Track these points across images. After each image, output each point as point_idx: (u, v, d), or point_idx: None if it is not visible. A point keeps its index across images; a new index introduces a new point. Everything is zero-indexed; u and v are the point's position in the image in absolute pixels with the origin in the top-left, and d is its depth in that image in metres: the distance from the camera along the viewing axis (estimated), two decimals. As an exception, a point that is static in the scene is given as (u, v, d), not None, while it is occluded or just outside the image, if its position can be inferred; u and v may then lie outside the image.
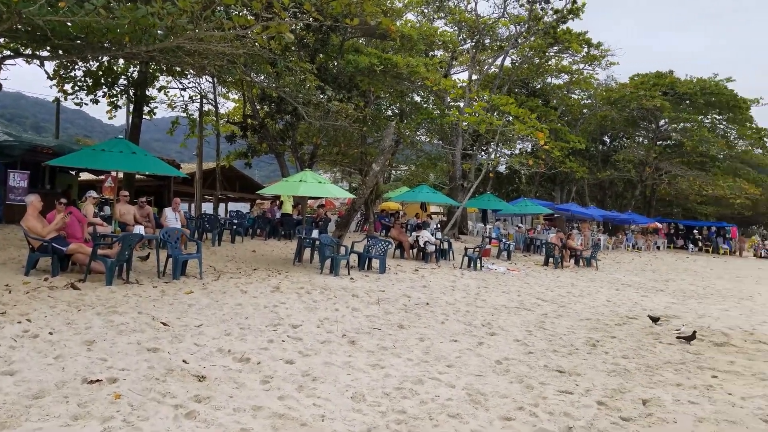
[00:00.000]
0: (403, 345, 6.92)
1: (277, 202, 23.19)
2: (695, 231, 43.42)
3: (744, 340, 8.90)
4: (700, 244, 41.32)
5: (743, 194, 40.14)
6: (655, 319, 9.94)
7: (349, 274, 12.48)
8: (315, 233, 14.42)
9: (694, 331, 8.79)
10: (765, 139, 43.07)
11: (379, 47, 24.54)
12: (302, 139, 25.50)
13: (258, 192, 20.95)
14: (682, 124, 41.25)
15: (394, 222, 21.31)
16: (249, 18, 9.88)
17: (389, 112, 31.74)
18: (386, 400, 4.96)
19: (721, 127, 42.97)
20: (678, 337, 8.64)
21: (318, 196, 19.89)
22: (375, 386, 5.28)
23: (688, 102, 39.98)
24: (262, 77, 19.76)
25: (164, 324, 6.77)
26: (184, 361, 5.49)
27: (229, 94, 28.04)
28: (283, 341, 6.58)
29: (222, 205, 30.69)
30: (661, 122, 42.44)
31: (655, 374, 6.52)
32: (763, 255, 40.26)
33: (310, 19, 12.62)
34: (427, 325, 8.14)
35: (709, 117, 42.15)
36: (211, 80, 23.20)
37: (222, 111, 27.30)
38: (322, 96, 18.61)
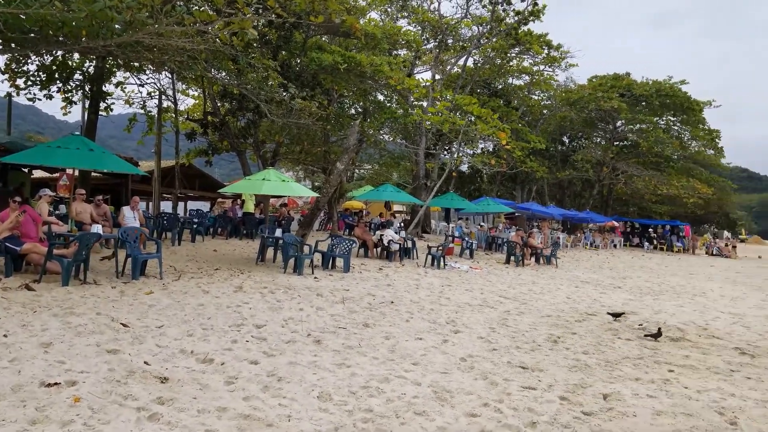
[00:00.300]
0: (368, 344, 6.92)
1: (239, 201, 22.92)
2: (650, 229, 44.55)
3: (698, 335, 9.18)
4: (655, 242, 42.40)
5: (696, 194, 41.41)
6: (616, 315, 10.16)
7: (313, 273, 12.42)
8: (278, 232, 14.30)
9: (659, 329, 9.05)
10: (717, 140, 44.63)
11: (342, 45, 24.49)
12: (264, 137, 25.24)
13: (219, 191, 20.67)
14: (638, 126, 42.38)
15: (358, 221, 21.29)
16: (211, 13, 9.71)
17: (353, 111, 31.73)
18: (353, 399, 4.96)
19: (676, 128, 44.30)
20: (645, 335, 8.85)
21: (281, 194, 19.74)
22: (341, 385, 5.27)
23: (644, 104, 41.13)
24: (224, 74, 19.49)
25: (124, 325, 6.62)
26: (145, 362, 5.38)
27: (189, 90, 27.55)
28: (247, 341, 6.51)
29: (181, 204, 30.17)
30: (618, 123, 43.50)
31: (614, 369, 6.67)
32: (714, 253, 41.60)
33: (273, 15, 12.48)
34: (392, 324, 8.16)
35: (664, 118, 43.42)
36: (170, 76, 22.76)
37: (181, 108, 26.87)
38: (284, 93, 18.45)
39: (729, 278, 21.82)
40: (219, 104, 23.12)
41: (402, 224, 26.51)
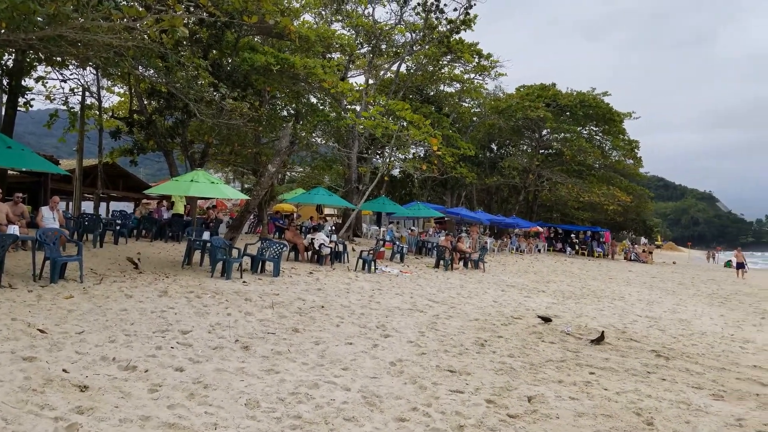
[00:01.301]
0: (298, 349, 6.87)
1: (165, 202, 22.22)
2: (573, 235, 46.32)
3: (617, 338, 9.62)
4: (576, 247, 44.13)
5: (616, 201, 43.33)
6: (546, 320, 10.47)
7: (241, 277, 12.21)
8: (206, 235, 13.98)
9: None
10: (636, 150, 46.90)
11: (275, 46, 24.21)
12: (193, 137, 24.55)
13: (145, 191, 19.99)
14: (562, 135, 43.96)
15: (289, 224, 21.10)
16: (140, 9, 9.40)
17: (285, 113, 31.38)
18: (281, 405, 4.91)
19: (598, 138, 46.24)
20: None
21: (210, 196, 19.29)
22: (269, 392, 5.21)
23: (568, 114, 42.76)
24: (152, 71, 18.85)
25: (41, 331, 6.31)
26: (64, 370, 5.15)
27: (115, 87, 26.51)
28: (172, 348, 6.33)
29: (104, 205, 28.95)
30: (544, 132, 45.00)
31: (538, 372, 6.89)
32: (632, 258, 43.70)
33: (205, 14, 12.21)
34: (322, 329, 8.14)
35: (586, 128, 45.25)
36: (95, 72, 21.82)
37: (106, 105, 25.74)
38: (215, 93, 18.06)
39: (646, 283, 22.98)
40: (146, 102, 22.34)
41: (333, 228, 26.45)
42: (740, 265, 30.89)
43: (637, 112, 45.05)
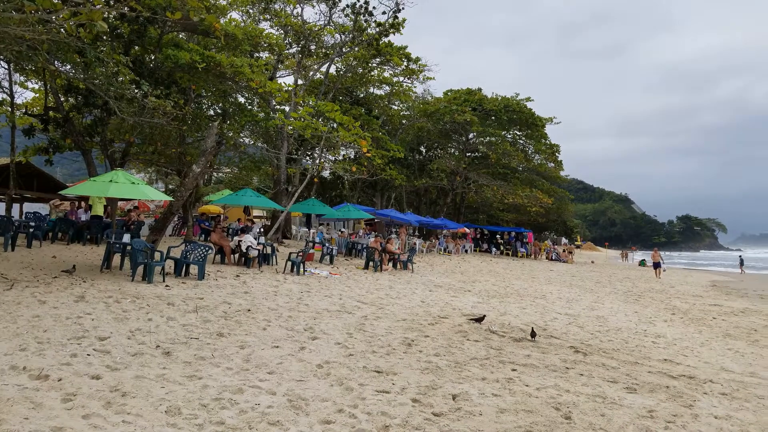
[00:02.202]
0: (222, 354, 6.73)
1: (83, 203, 21.24)
2: (498, 236, 47.56)
3: (539, 335, 9.96)
4: (501, 248, 45.34)
5: (538, 203, 44.85)
6: (479, 319, 10.67)
7: (164, 281, 11.82)
8: (126, 238, 13.46)
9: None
10: (557, 154, 48.78)
11: (201, 44, 23.62)
12: (113, 136, 23.60)
13: (61, 192, 19.03)
14: (488, 138, 45.13)
15: (215, 226, 20.59)
16: (55, 1, 8.94)
17: (211, 112, 30.62)
18: (203, 412, 4.80)
19: (521, 142, 47.80)
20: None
21: (130, 197, 18.57)
22: (192, 398, 5.08)
23: (493, 118, 43.97)
24: (69, 67, 18.00)
25: (-60, 342, 5.90)
26: (-34, 383, 4.83)
27: (28, 83, 25.09)
28: (88, 355, 6.07)
29: (16, 206, 27.33)
30: (470, 135, 46.04)
31: (463, 370, 7.05)
32: (553, 258, 45.34)
33: (126, 8, 11.75)
34: (248, 332, 8.00)
35: (511, 133, 46.70)
36: (6, 66, 20.59)
37: (19, 101, 24.34)
38: (137, 91, 17.44)
39: (566, 282, 23.91)
40: (62, 99, 21.27)
41: (262, 230, 26.06)
42: (657, 265, 32.13)
43: (557, 117, 46.86)
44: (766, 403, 6.71)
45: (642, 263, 51.05)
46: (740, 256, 54.42)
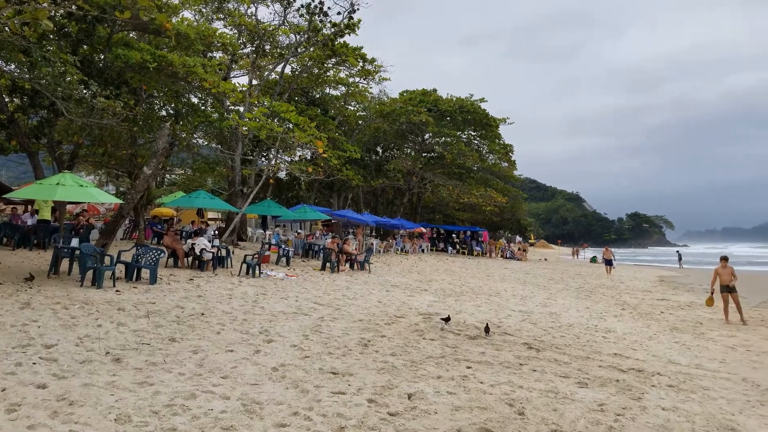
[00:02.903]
0: (174, 359, 6.61)
1: (29, 207, 20.51)
2: (454, 235, 48.04)
3: (493, 332, 10.11)
4: (457, 246, 45.82)
5: (493, 202, 45.48)
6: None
7: (114, 286, 11.54)
8: (74, 242, 13.08)
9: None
10: (510, 154, 49.57)
11: (152, 43, 23.11)
12: (61, 138, 22.87)
13: (5, 195, 18.34)
14: (443, 138, 45.56)
15: (168, 229, 20.18)
16: (-4, -1, 8.61)
17: (164, 113, 30.01)
18: (154, 419, 4.71)
19: (476, 142, 48.41)
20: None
21: (78, 200, 18.04)
22: (142, 405, 4.98)
23: (448, 119, 44.40)
24: (13, 66, 17.36)
25: None
26: None
27: (-31, 82, 24.09)
28: (34, 364, 5.88)
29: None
30: (426, 136, 46.40)
31: (419, 369, 7.10)
32: (508, 256, 46.08)
33: (74, 6, 11.41)
34: (201, 337, 7.88)
35: (465, 133, 47.22)
36: (-57, 65, 19.73)
37: (-41, 101, 23.33)
38: (85, 91, 16.95)
39: (520, 279, 24.32)
40: (7, 100, 20.48)
41: (216, 232, 25.68)
42: (608, 262, 32.67)
43: (511, 118, 47.62)
44: (711, 394, 6.96)
45: (593, 260, 52.34)
46: (678, 252, 56.56)
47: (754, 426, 5.80)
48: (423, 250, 40.81)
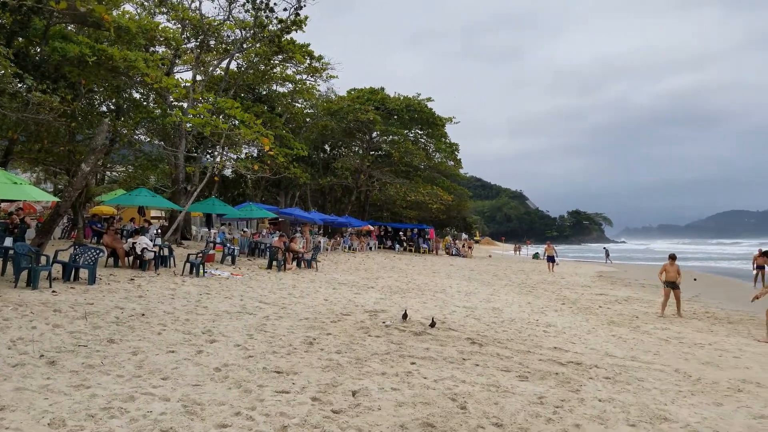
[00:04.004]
0: (113, 361, 6.46)
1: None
2: (401, 233, 48.36)
3: (438, 328, 10.26)
4: (405, 244, 46.15)
5: (439, 200, 46.01)
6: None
7: (50, 286, 11.15)
8: (8, 241, 12.58)
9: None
10: (456, 152, 50.25)
11: (92, 37, 22.36)
12: (-6, 133, 21.91)
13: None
14: (391, 137, 45.80)
15: (108, 228, 19.60)
16: None
17: (104, 108, 29.11)
18: (90, 422, 4.61)
19: (423, 140, 48.88)
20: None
21: (12, 198, 17.31)
22: (78, 409, 4.86)
23: (396, 117, 44.66)
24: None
25: None
26: None
27: None
28: (-39, 369, 5.65)
29: None
30: (374, 134, 46.55)
31: (364, 366, 7.15)
32: (453, 253, 46.72)
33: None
34: (141, 338, 7.72)
35: (413, 132, 47.60)
36: None
37: None
38: (20, 85, 16.30)
39: (465, 276, 24.72)
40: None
41: (159, 231, 25.10)
42: (550, 258, 32.73)
43: (456, 117, 48.30)
44: (645, 385, 7.25)
45: (535, 256, 53.61)
46: (605, 248, 58.90)
47: (684, 415, 6.07)
48: (371, 248, 40.92)
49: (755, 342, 11.34)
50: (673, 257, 15.46)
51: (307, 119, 44.35)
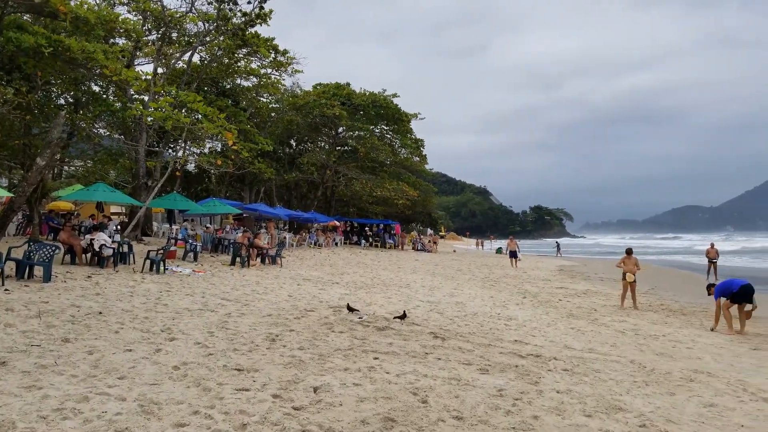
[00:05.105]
0: (67, 360, 6.30)
1: None
2: (367, 228, 48.42)
3: (402, 323, 10.29)
4: (370, 239, 46.22)
5: (404, 196, 46.22)
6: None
7: (3, 284, 10.82)
8: (-42, 238, 12.15)
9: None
10: (422, 148, 50.52)
11: (49, 27, 21.75)
12: (-57, 126, 21.18)
13: None
14: (357, 132, 45.81)
15: (65, 224, 19.12)
16: None
17: (62, 101, 28.38)
18: (42, 424, 4.48)
19: (388, 136, 48.99)
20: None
21: (-37, 193, 16.79)
22: (29, 410, 4.72)
23: (362, 113, 44.60)
24: None
25: None
26: None
27: None
28: None
29: None
30: (340, 129, 46.44)
31: (326, 362, 7.12)
32: (419, 248, 46.97)
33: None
34: (98, 337, 7.54)
35: (378, 127, 47.65)
36: None
37: None
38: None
39: (429, 270, 24.88)
40: None
41: (119, 227, 24.59)
42: (513, 254, 32.47)
43: (422, 113, 48.52)
44: (601, 377, 7.39)
45: (498, 251, 54.27)
46: (557, 242, 60.37)
47: (639, 405, 6.20)
48: (336, 244, 40.84)
49: (707, 333, 11.70)
50: (629, 251, 16.02)
51: (272, 114, 44.00)
